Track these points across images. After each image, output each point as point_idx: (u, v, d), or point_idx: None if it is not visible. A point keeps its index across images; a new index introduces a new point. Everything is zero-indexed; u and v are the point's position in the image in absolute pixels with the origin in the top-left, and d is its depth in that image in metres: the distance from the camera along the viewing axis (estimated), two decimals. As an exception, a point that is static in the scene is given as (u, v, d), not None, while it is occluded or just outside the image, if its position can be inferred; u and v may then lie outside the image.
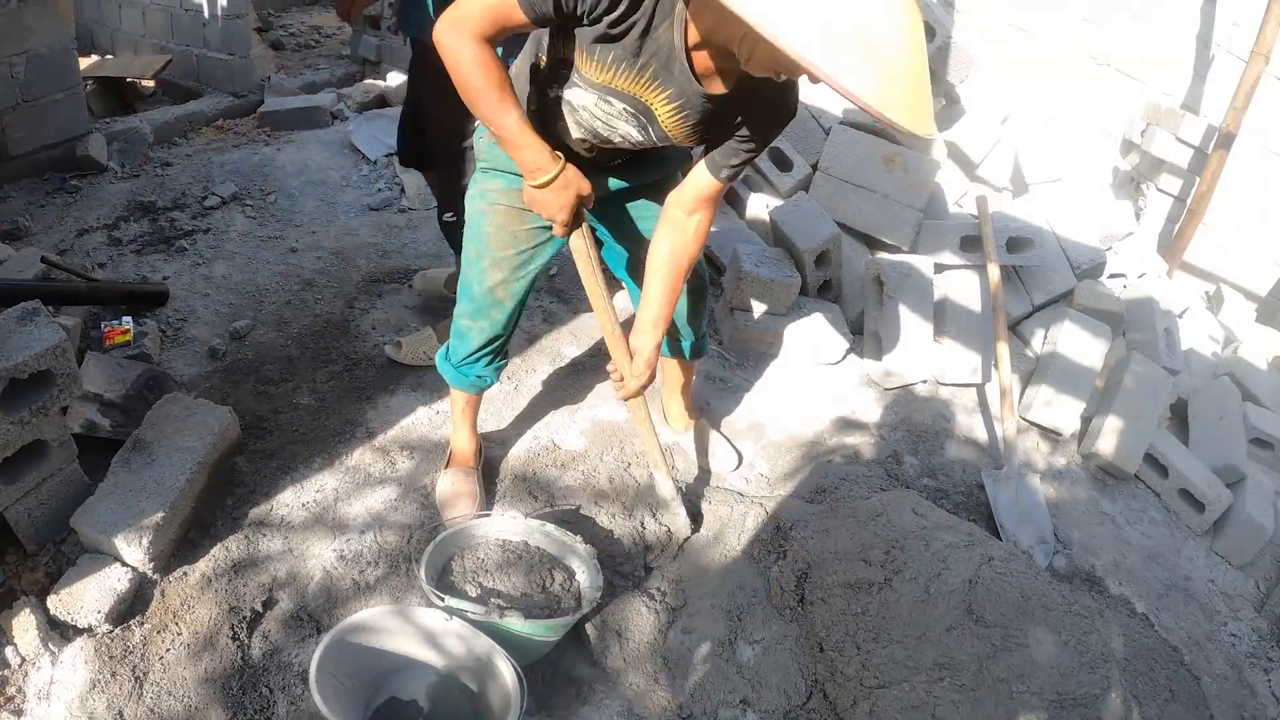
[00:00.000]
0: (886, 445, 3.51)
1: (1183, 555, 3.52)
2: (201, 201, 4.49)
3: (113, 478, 2.47)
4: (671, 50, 1.88)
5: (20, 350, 2.19)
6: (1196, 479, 3.65)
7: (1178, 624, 3.13)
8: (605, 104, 2.02)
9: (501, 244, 2.40)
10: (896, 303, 3.86)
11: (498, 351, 2.64)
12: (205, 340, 3.40)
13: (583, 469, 3.02)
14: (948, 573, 2.46)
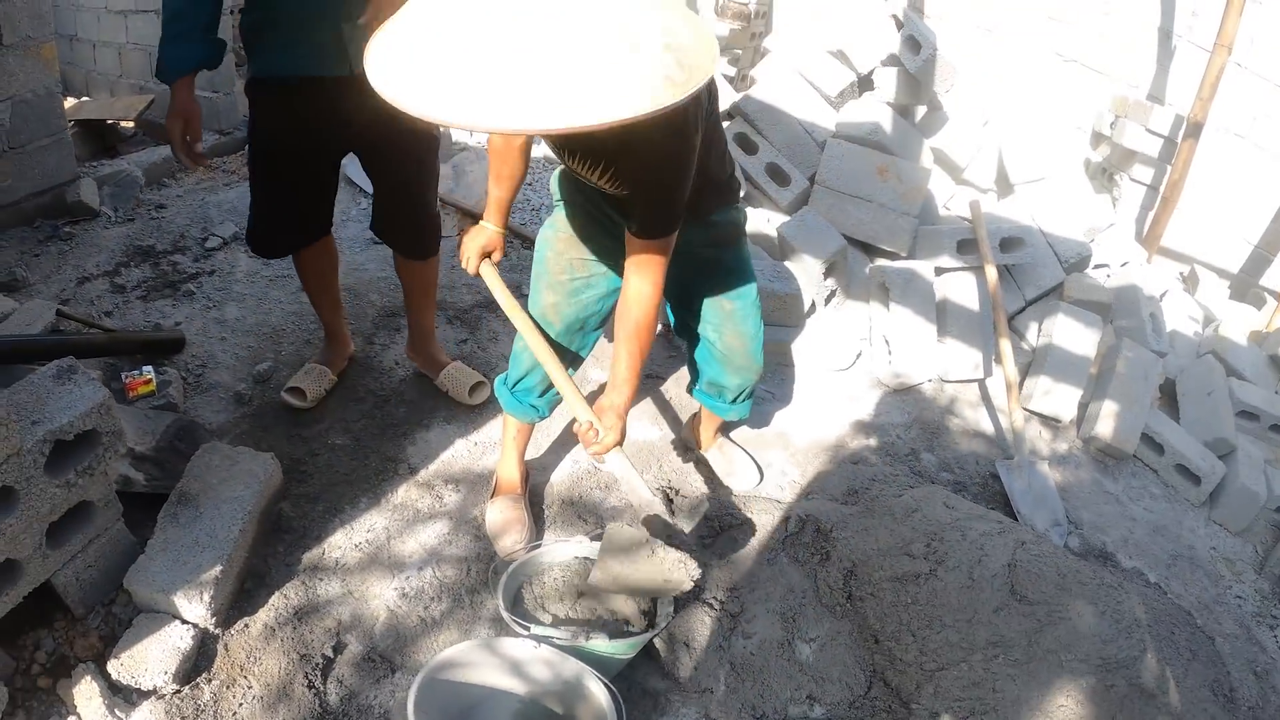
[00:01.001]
0: (904, 444, 3.61)
1: (1185, 526, 3.64)
2: (202, 243, 4.40)
3: (162, 534, 2.41)
4: None
5: (63, 411, 2.13)
6: (1191, 454, 3.79)
7: (1187, 590, 3.26)
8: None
9: (558, 269, 2.51)
10: (901, 307, 3.99)
11: (548, 386, 2.67)
12: (229, 385, 3.35)
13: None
14: (987, 558, 2.58)
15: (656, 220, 2.10)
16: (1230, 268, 6.87)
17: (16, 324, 3.24)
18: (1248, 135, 6.66)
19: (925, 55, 4.62)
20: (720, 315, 2.61)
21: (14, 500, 2.02)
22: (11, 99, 4.20)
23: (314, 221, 3.10)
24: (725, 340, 2.65)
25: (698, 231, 2.39)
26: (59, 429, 2.09)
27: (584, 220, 2.48)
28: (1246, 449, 3.97)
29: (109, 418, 2.23)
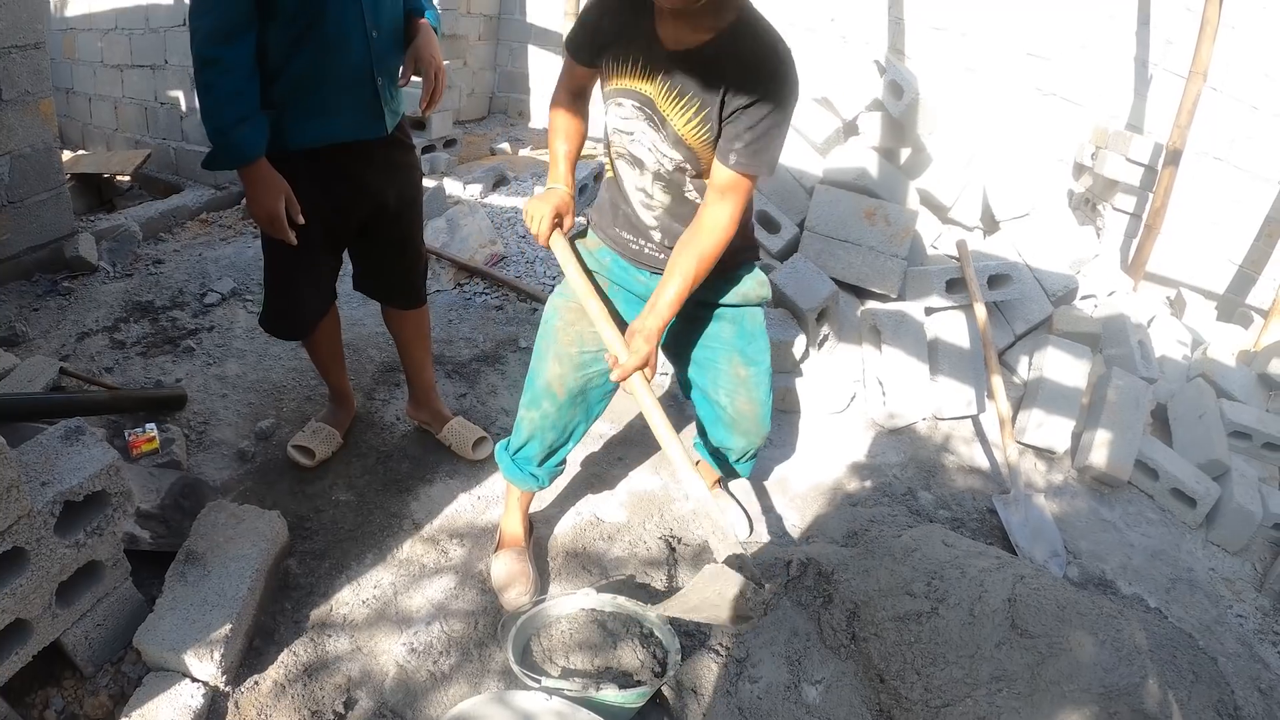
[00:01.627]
0: (901, 483, 3.66)
1: (1183, 549, 3.69)
2: (201, 299, 4.41)
3: (170, 593, 2.42)
4: (637, 27, 2.15)
5: (73, 473, 2.14)
6: (1185, 477, 3.84)
7: (1188, 613, 3.30)
8: (618, 107, 2.25)
9: (568, 339, 2.53)
10: (893, 349, 4.05)
11: (551, 453, 2.71)
12: (232, 443, 3.35)
13: (628, 539, 3.12)
14: (987, 594, 2.62)
15: (759, 150, 2.13)
16: (1216, 289, 6.98)
17: (18, 380, 3.30)
18: (1226, 158, 6.78)
19: (908, 100, 4.70)
20: (734, 381, 2.63)
21: (24, 561, 2.03)
22: (10, 154, 4.26)
23: (324, 304, 3.09)
24: (737, 405, 2.67)
25: (722, 285, 2.51)
26: (69, 490, 2.11)
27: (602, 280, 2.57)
28: (1240, 468, 4.02)
29: (118, 479, 2.25)
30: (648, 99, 2.17)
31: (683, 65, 2.10)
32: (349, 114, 2.68)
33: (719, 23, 2.07)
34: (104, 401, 3.27)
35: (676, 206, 2.37)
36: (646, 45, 2.14)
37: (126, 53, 6.60)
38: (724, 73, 2.06)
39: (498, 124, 8.72)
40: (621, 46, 2.19)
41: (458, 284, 4.75)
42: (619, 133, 2.30)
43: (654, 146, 2.23)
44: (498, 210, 5.64)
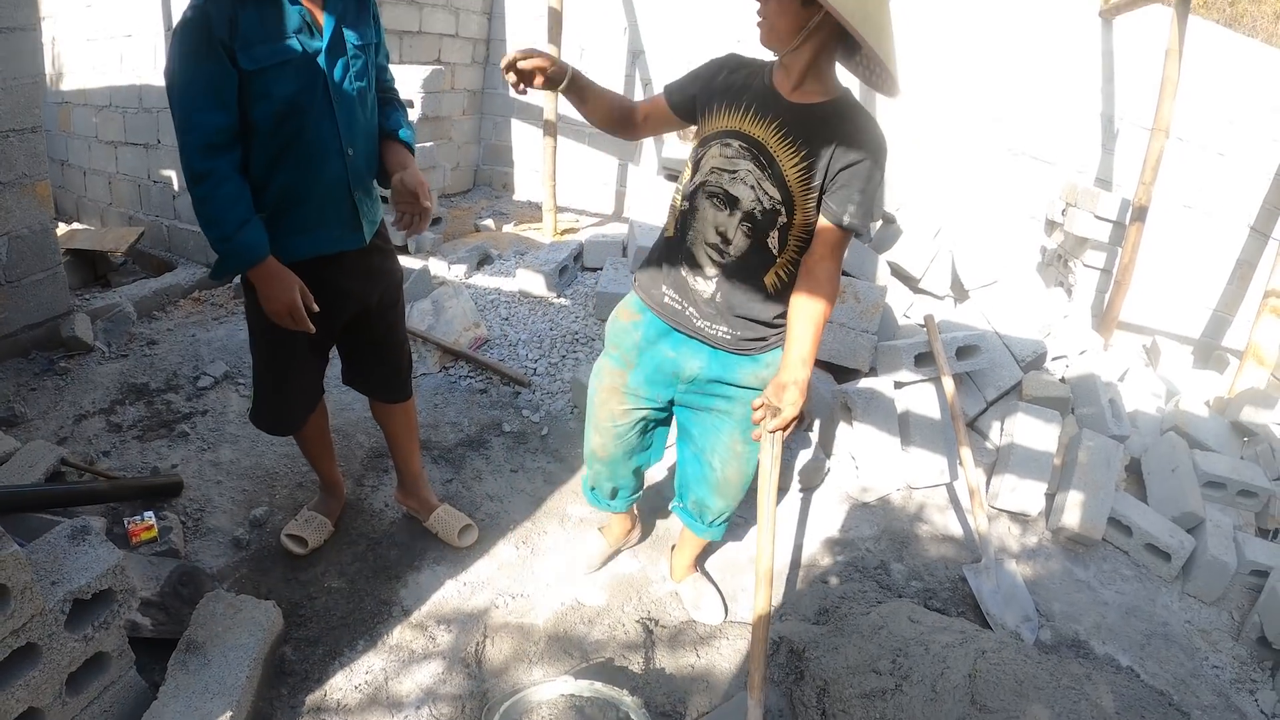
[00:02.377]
0: (873, 556, 3.73)
1: (1158, 604, 3.75)
2: (194, 382, 4.46)
3: (173, 681, 2.50)
4: (759, 78, 2.43)
5: (81, 572, 2.26)
6: (1158, 532, 3.92)
7: (1162, 668, 3.37)
8: (725, 147, 2.42)
9: (604, 415, 2.87)
10: (865, 425, 4.15)
11: (616, 492, 3.17)
12: (227, 530, 3.43)
13: (608, 622, 3.21)
14: (949, 671, 2.73)
15: (869, 207, 2.39)
16: (1192, 333, 7.11)
17: (19, 466, 3.38)
18: (1196, 204, 6.94)
19: (875, 179, 4.83)
20: (730, 453, 2.80)
21: (37, 655, 2.14)
22: (8, 234, 4.35)
23: (312, 402, 3.21)
24: (727, 473, 2.85)
25: (748, 367, 2.65)
26: (77, 590, 2.23)
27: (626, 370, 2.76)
28: (1215, 518, 4.10)
29: (123, 578, 2.36)
30: (757, 140, 2.37)
31: (799, 115, 2.34)
32: (330, 228, 2.80)
33: (829, 91, 2.37)
34: (104, 491, 3.34)
35: (747, 259, 2.49)
36: (763, 94, 2.39)
37: (120, 130, 6.67)
38: (836, 130, 2.32)
39: (483, 196, 8.84)
40: (734, 94, 2.44)
41: (443, 367, 4.81)
42: (719, 171, 2.43)
43: (757, 184, 2.38)
44: (481, 292, 5.73)
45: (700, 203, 2.50)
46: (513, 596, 3.29)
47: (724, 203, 2.45)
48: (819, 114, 2.34)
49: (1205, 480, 4.33)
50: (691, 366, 2.65)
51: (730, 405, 2.71)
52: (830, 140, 2.32)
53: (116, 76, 6.54)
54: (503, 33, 8.71)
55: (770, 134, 2.36)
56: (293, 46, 2.57)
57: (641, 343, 2.71)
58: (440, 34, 8.12)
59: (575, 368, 4.78)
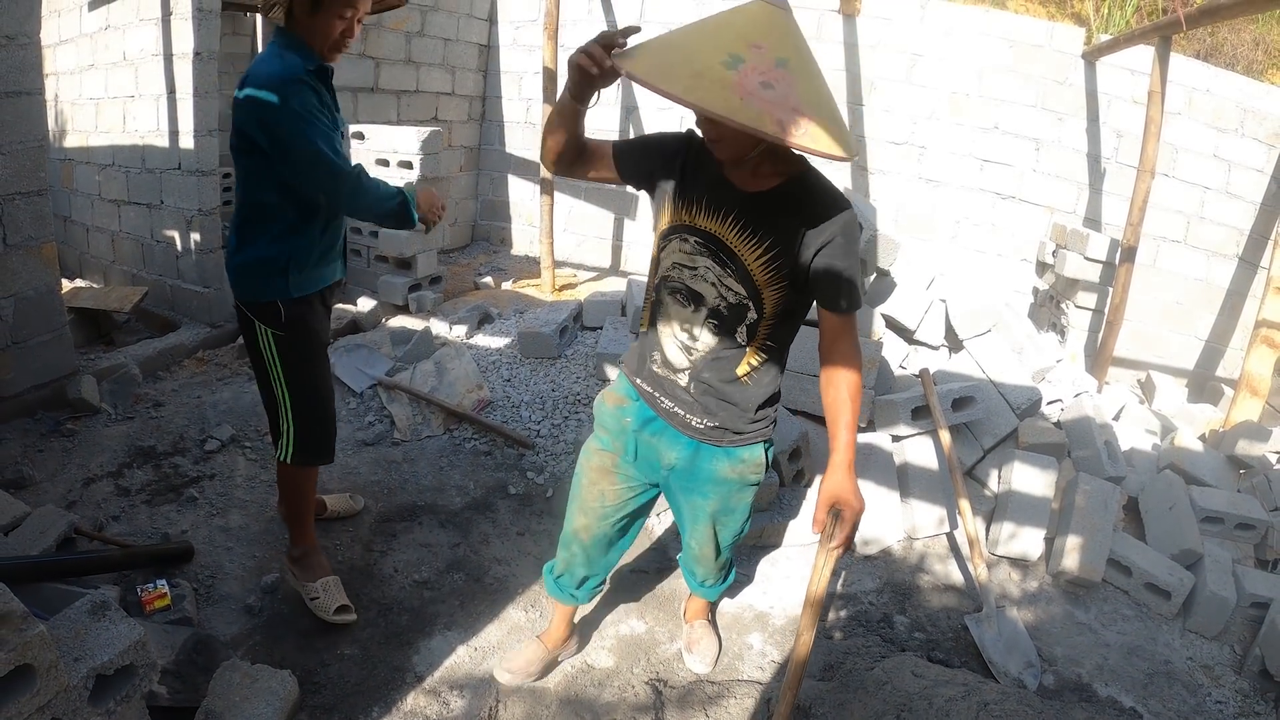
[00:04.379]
0: (876, 609, 3.77)
1: (1159, 642, 3.77)
2: (201, 445, 4.48)
3: None
4: (708, 170, 2.34)
5: (103, 649, 2.28)
6: (1157, 570, 3.95)
7: (1165, 707, 3.39)
8: (681, 243, 2.38)
9: (591, 496, 2.81)
10: (865, 480, 4.13)
11: (585, 581, 3.05)
12: (239, 597, 3.44)
13: (617, 684, 3.23)
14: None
15: (854, 288, 2.34)
16: (1185, 365, 7.20)
17: (30, 532, 3.41)
18: (1184, 239, 7.03)
19: (866, 236, 4.90)
20: (704, 535, 2.87)
21: None
22: (14, 296, 4.44)
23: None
24: (703, 551, 2.94)
25: (722, 459, 2.61)
26: (100, 666, 2.25)
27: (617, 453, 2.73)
28: (1214, 553, 4.14)
29: (144, 652, 2.38)
30: (713, 236, 2.31)
31: (757, 206, 2.28)
32: (337, 262, 3.34)
33: (789, 169, 2.29)
34: (117, 559, 3.40)
35: (719, 351, 2.44)
36: (714, 186, 2.31)
37: (124, 189, 6.68)
38: (799, 213, 2.25)
39: (480, 251, 8.94)
40: (687, 185, 2.37)
41: (447, 429, 4.85)
42: (679, 267, 2.39)
43: (719, 281, 2.33)
44: (483, 352, 5.77)
45: (665, 298, 2.48)
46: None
47: (687, 299, 2.42)
48: (778, 200, 2.28)
49: (1203, 516, 4.37)
50: (669, 456, 2.62)
51: (705, 500, 2.72)
52: (795, 227, 2.26)
53: (120, 136, 6.57)
54: (498, 89, 8.85)
55: (728, 229, 2.30)
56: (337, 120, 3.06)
57: (630, 428, 2.66)
58: (437, 92, 8.25)
59: (578, 429, 4.83)
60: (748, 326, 2.40)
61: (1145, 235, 6.76)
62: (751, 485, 2.72)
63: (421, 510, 4.19)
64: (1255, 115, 7.01)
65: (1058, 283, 6.95)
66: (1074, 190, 7.30)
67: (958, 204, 7.56)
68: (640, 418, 2.65)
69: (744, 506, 2.80)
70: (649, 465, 2.70)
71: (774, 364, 2.54)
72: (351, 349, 5.53)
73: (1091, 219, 7.26)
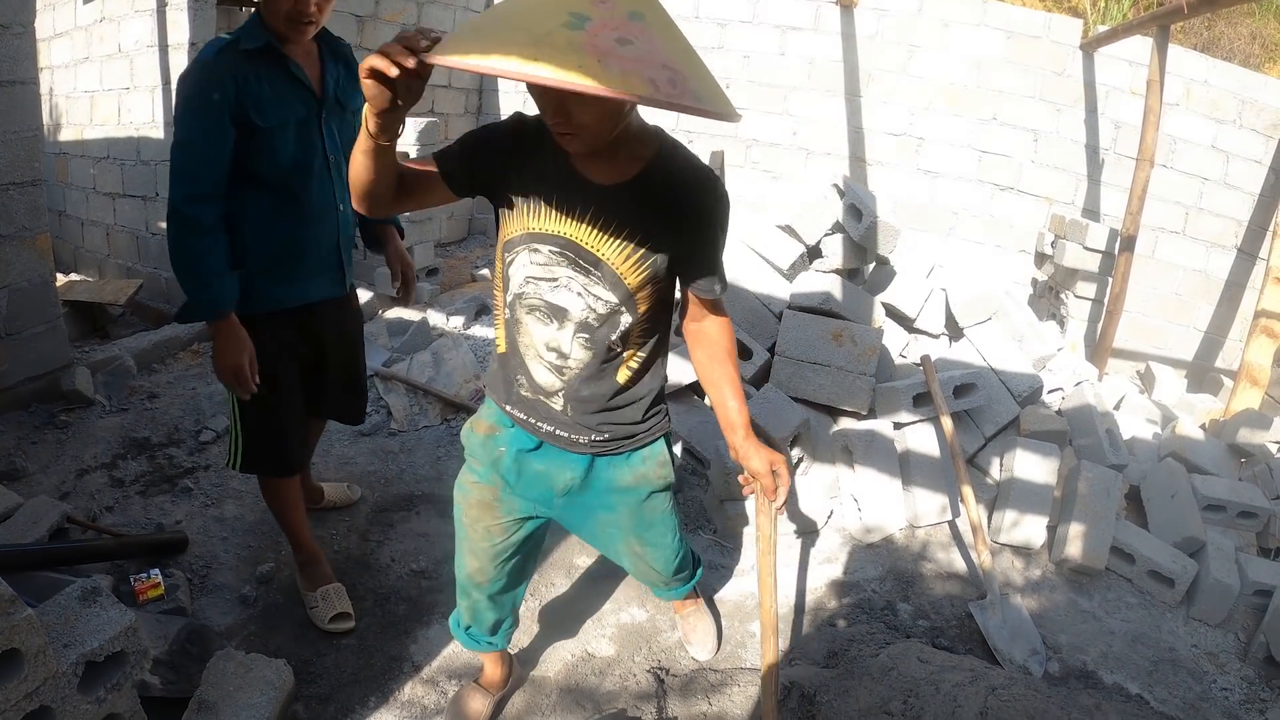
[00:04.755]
0: (880, 597, 3.75)
1: (1164, 630, 3.76)
2: (196, 436, 4.45)
3: None
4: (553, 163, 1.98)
5: (94, 635, 2.25)
6: (1161, 558, 3.93)
7: (1171, 694, 3.37)
8: (533, 254, 2.04)
9: (477, 535, 2.48)
10: (865, 467, 4.18)
11: (499, 625, 2.73)
12: (234, 587, 3.42)
13: (619, 673, 3.21)
14: (960, 709, 2.74)
15: (723, 273, 2.19)
16: (1185, 357, 7.21)
17: (23, 522, 3.37)
18: (1183, 230, 7.03)
19: (867, 222, 4.89)
20: (635, 556, 2.65)
21: (51, 718, 2.15)
22: (8, 287, 4.40)
23: (302, 446, 3.38)
24: (640, 569, 2.75)
25: (621, 467, 2.38)
26: (90, 652, 2.22)
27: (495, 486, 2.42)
28: (1217, 541, 4.12)
29: (135, 639, 2.36)
30: (571, 242, 2.00)
31: (617, 199, 1.98)
32: (318, 279, 3.07)
33: (646, 151, 2.00)
34: (110, 548, 3.37)
35: (593, 368, 2.17)
36: (565, 182, 1.99)
37: (119, 181, 6.68)
38: (668, 198, 2.00)
39: (477, 244, 8.91)
40: (530, 183, 2.02)
41: (444, 419, 4.83)
42: (534, 281, 2.07)
43: (585, 290, 2.04)
44: (480, 342, 5.78)
45: (522, 317, 2.14)
46: (522, 649, 3.29)
47: (549, 316, 2.10)
48: (641, 189, 1.99)
49: (1205, 504, 4.35)
50: (563, 479, 2.34)
51: (614, 514, 2.48)
52: (664, 216, 2.01)
53: (114, 129, 6.58)
54: (495, 83, 8.82)
55: (586, 231, 2.00)
56: (295, 109, 2.79)
57: (506, 459, 2.35)
58: (433, 85, 8.22)
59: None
60: (623, 333, 2.13)
61: (1144, 226, 6.77)
62: (661, 490, 2.47)
63: (419, 500, 4.16)
64: (1253, 106, 7.00)
65: (1057, 273, 6.94)
66: (1072, 181, 7.29)
67: (956, 195, 7.55)
68: (517, 446, 2.34)
69: (663, 516, 2.54)
70: (539, 496, 2.40)
71: (657, 356, 2.29)
72: (348, 338, 5.49)
73: (1090, 210, 7.25)
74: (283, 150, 2.77)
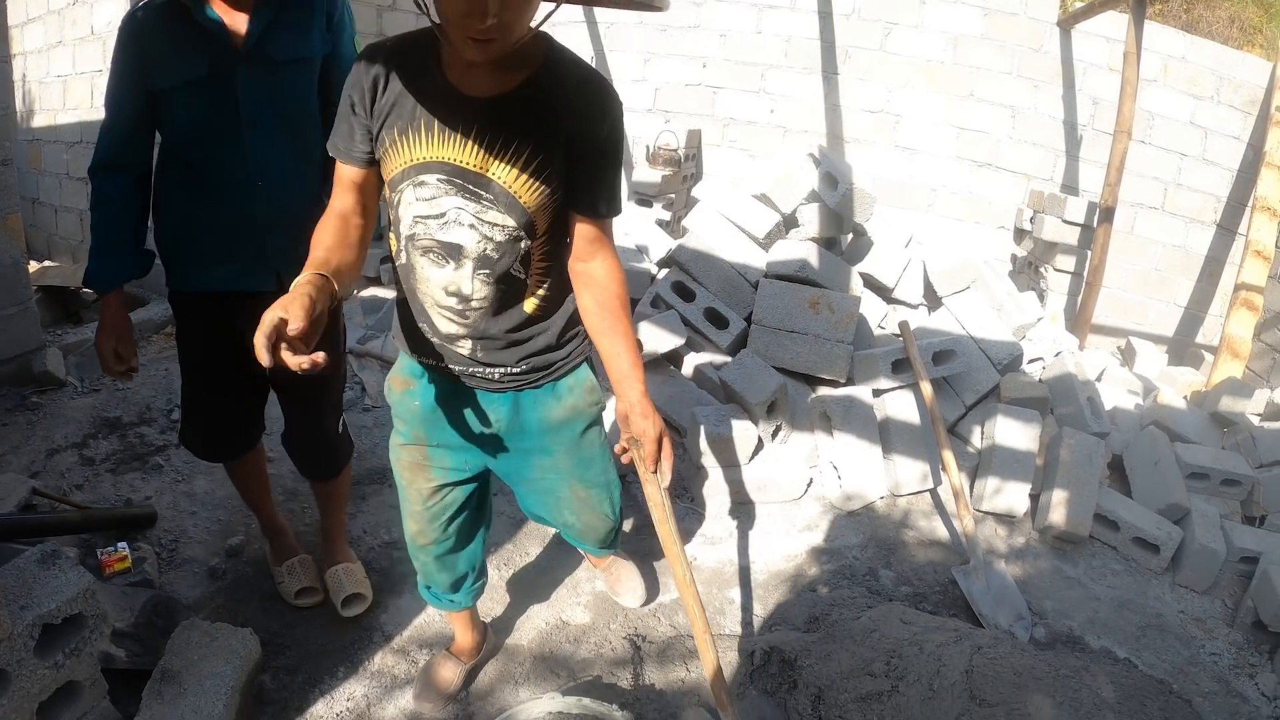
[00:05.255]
0: (861, 564, 3.72)
1: (1150, 596, 3.74)
2: (168, 415, 4.41)
3: (147, 710, 2.42)
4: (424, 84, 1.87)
5: (50, 596, 2.20)
6: (1145, 525, 3.91)
7: (1159, 659, 3.35)
8: (418, 188, 1.92)
9: (414, 498, 2.39)
10: (845, 433, 4.14)
11: (458, 584, 2.63)
12: (203, 560, 3.38)
13: (594, 640, 3.17)
14: (945, 668, 2.70)
15: (615, 193, 2.02)
16: (1165, 332, 7.21)
17: None
18: (1162, 206, 7.04)
19: (843, 190, 4.86)
20: (578, 502, 2.53)
21: (6, 681, 2.10)
22: None
23: (240, 436, 3.07)
24: (585, 520, 2.61)
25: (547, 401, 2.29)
26: (47, 614, 2.18)
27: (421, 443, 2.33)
28: (1201, 508, 4.10)
29: (94, 602, 2.31)
30: (456, 166, 1.88)
31: (502, 112, 1.86)
32: (230, 265, 2.63)
33: (531, 61, 1.88)
34: (76, 521, 3.29)
35: (498, 303, 2.06)
36: (439, 101, 1.86)
37: None
38: (560, 110, 1.88)
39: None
40: (402, 112, 1.89)
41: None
42: (422, 220, 1.95)
43: (478, 220, 1.92)
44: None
45: (415, 261, 2.03)
46: (496, 618, 3.25)
47: (443, 256, 1.98)
48: (527, 98, 1.87)
49: (1188, 472, 4.31)
50: (489, 421, 2.25)
51: (551, 458, 2.38)
52: (552, 124, 1.88)
53: (88, 113, 6.50)
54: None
55: (471, 152, 1.87)
56: (196, 66, 2.41)
57: (424, 411, 2.26)
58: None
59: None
60: (523, 259, 2.02)
61: (1123, 202, 6.78)
62: (591, 420, 2.37)
63: (390, 473, 4.03)
64: (1231, 83, 7.00)
65: (1036, 247, 6.95)
66: (1051, 157, 7.28)
67: (934, 172, 7.53)
68: (432, 395, 2.24)
69: (601, 451, 2.47)
70: (466, 447, 2.31)
71: (561, 277, 2.15)
72: (322, 320, 5.45)
73: (1069, 186, 7.24)
74: (178, 113, 2.46)
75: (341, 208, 2.01)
